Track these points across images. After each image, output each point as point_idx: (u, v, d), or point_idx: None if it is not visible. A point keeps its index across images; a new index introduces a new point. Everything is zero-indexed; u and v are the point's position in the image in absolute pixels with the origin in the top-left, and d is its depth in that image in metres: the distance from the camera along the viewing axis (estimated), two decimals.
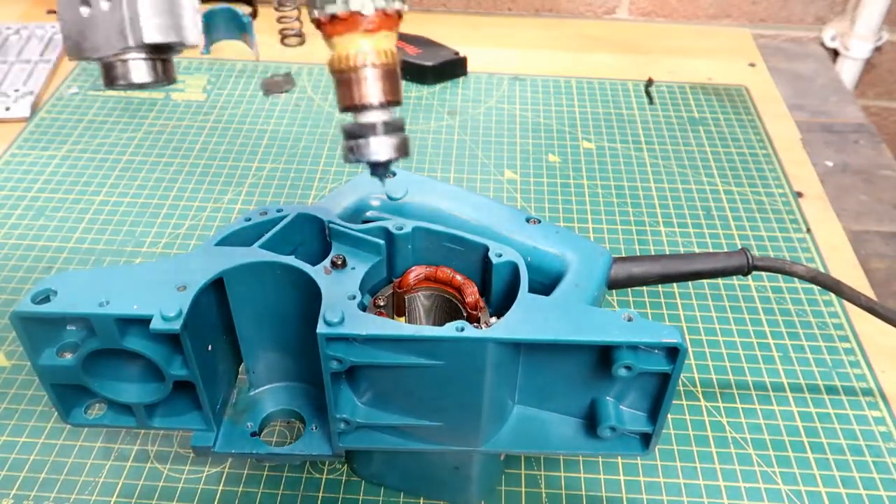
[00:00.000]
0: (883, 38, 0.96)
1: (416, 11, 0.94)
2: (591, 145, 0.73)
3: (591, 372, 0.36)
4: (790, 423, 0.49)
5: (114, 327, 0.34)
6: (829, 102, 0.82)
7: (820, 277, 0.47)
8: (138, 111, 0.76)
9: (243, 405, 0.42)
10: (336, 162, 0.70)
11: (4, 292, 0.56)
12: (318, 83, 0.81)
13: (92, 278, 0.36)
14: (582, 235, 0.47)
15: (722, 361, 0.53)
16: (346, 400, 0.37)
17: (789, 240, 0.63)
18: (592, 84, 0.82)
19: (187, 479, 0.45)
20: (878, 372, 0.53)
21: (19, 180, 0.67)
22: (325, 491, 0.45)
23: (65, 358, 0.36)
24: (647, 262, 0.46)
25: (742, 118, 0.78)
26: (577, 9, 0.97)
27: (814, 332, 0.55)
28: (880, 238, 0.65)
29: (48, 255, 0.60)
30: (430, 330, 0.34)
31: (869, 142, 0.76)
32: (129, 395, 0.38)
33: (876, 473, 0.46)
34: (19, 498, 0.44)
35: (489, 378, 0.35)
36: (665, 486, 0.45)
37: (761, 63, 0.87)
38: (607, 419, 0.37)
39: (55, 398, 0.38)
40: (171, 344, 0.36)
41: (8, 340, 0.53)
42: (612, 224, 0.64)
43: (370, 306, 0.38)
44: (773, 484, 0.46)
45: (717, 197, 0.67)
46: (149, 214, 0.64)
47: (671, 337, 0.34)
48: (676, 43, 0.91)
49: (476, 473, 0.42)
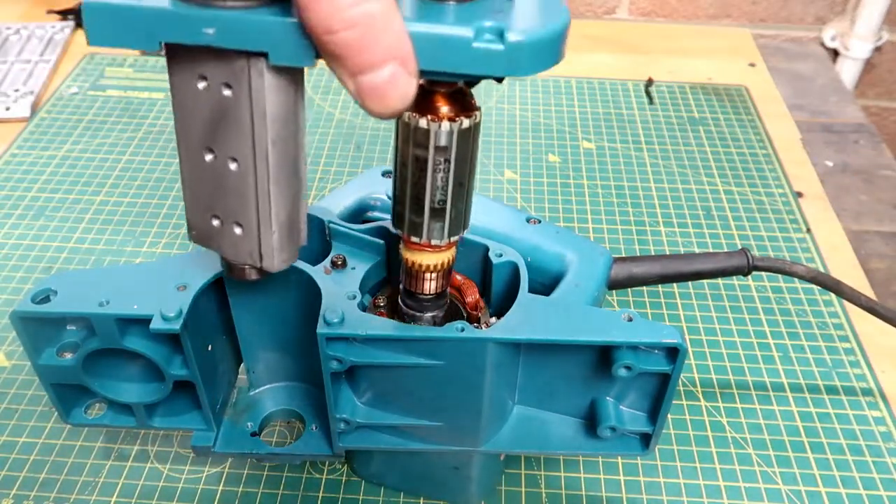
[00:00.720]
0: (883, 38, 0.96)
1: None
2: (591, 145, 0.74)
3: (591, 372, 0.36)
4: (790, 423, 0.49)
5: (114, 327, 0.34)
6: (829, 102, 0.82)
7: (820, 277, 0.47)
8: (138, 111, 0.76)
9: (243, 405, 0.42)
10: (336, 162, 0.70)
11: (4, 292, 0.56)
12: (317, 83, 0.81)
13: (92, 278, 0.36)
14: (582, 236, 0.47)
15: (722, 361, 0.53)
16: (346, 400, 0.37)
17: (789, 240, 0.63)
18: (592, 84, 0.82)
19: (187, 479, 0.45)
20: (878, 372, 0.53)
21: (19, 180, 0.67)
22: (325, 491, 0.45)
23: (65, 358, 0.36)
24: (647, 263, 0.46)
25: (742, 118, 0.78)
26: (577, 9, 0.97)
27: (814, 332, 0.55)
28: (880, 238, 0.65)
29: (48, 255, 0.60)
30: (430, 330, 0.34)
31: (869, 142, 0.76)
32: (129, 395, 0.38)
33: (876, 473, 0.46)
34: (19, 498, 0.44)
35: (489, 378, 0.35)
36: (665, 486, 0.45)
37: (761, 63, 0.87)
38: (607, 419, 0.37)
39: (55, 398, 0.38)
40: (171, 344, 0.36)
41: (8, 340, 0.53)
42: (612, 224, 0.64)
43: (370, 306, 0.38)
44: (773, 484, 0.46)
45: (717, 197, 0.68)
46: (149, 214, 0.64)
47: (671, 337, 0.34)
48: (676, 43, 0.91)
49: (476, 473, 0.42)
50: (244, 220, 0.31)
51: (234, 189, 0.30)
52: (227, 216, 0.31)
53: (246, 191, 0.30)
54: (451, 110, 0.29)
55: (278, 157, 0.29)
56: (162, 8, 0.25)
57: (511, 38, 0.25)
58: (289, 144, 0.30)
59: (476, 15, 0.26)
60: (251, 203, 0.31)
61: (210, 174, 0.30)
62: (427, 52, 0.25)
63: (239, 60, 0.27)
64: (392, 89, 0.25)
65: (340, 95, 0.79)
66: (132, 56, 0.83)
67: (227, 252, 0.32)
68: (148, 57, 0.83)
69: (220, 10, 0.25)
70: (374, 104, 0.25)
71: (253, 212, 0.31)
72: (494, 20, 0.26)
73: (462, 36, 0.25)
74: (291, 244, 0.32)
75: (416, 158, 0.31)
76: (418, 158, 0.31)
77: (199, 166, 0.30)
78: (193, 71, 0.28)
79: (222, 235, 0.32)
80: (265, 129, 0.28)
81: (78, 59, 0.83)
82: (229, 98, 0.28)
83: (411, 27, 0.25)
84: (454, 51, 0.26)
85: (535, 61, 0.26)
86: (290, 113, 0.29)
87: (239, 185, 0.30)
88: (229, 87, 0.28)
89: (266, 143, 0.29)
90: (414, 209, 0.32)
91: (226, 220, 0.32)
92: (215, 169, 0.30)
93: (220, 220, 0.32)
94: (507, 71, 0.26)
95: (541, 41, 0.26)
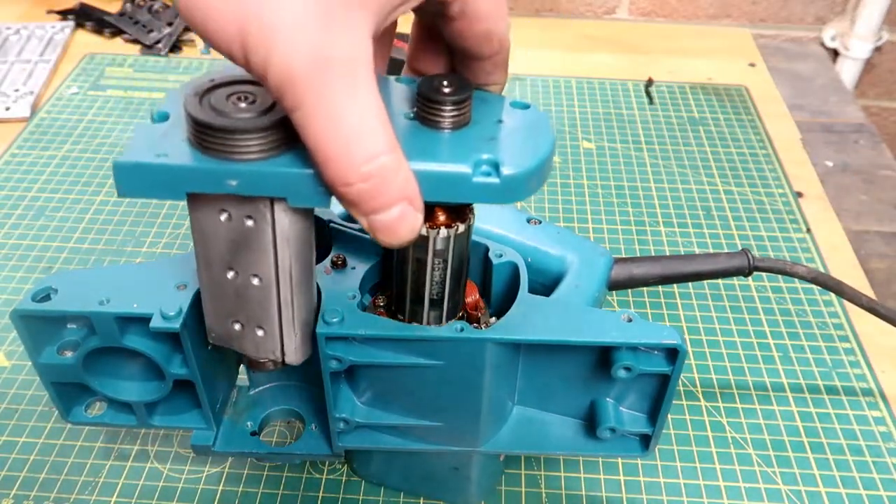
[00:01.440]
0: (883, 38, 0.96)
1: None
2: (591, 145, 0.74)
3: (590, 373, 0.36)
4: (790, 423, 0.49)
5: (114, 326, 0.34)
6: (829, 102, 0.82)
7: (821, 278, 0.47)
8: (138, 111, 0.76)
9: (243, 404, 0.42)
10: None
11: (4, 292, 0.56)
12: None
13: (92, 277, 0.36)
14: (582, 236, 0.47)
15: (722, 361, 0.53)
16: (345, 400, 0.37)
17: (789, 240, 0.63)
18: (592, 84, 0.82)
19: (187, 478, 0.45)
20: (878, 372, 0.53)
21: (19, 180, 0.67)
22: (325, 491, 0.45)
23: (65, 356, 0.36)
24: (647, 263, 0.46)
25: (742, 118, 0.78)
26: (577, 9, 0.97)
27: (814, 331, 0.55)
28: (880, 238, 0.65)
29: (48, 255, 0.60)
30: (429, 330, 0.34)
31: (869, 142, 0.76)
32: (130, 394, 0.38)
33: (876, 473, 0.46)
34: (19, 498, 0.44)
35: (489, 378, 0.35)
36: (665, 487, 0.45)
37: (761, 63, 0.87)
38: (607, 420, 0.37)
39: (55, 396, 0.38)
40: (171, 342, 0.36)
41: (8, 340, 0.53)
42: (612, 224, 0.64)
43: (370, 306, 0.38)
44: (773, 484, 0.46)
45: (717, 197, 0.68)
46: (149, 214, 0.64)
47: (671, 338, 0.34)
48: (676, 43, 0.91)
49: (476, 474, 0.42)
50: (267, 325, 0.33)
51: (256, 300, 0.32)
52: (249, 322, 0.33)
53: (269, 301, 0.32)
54: (448, 218, 0.32)
55: (299, 270, 0.32)
56: (186, 165, 0.27)
57: (506, 172, 0.28)
58: (306, 255, 0.32)
59: (470, 144, 0.28)
60: (273, 311, 0.33)
61: (232, 289, 0.32)
62: (431, 187, 0.28)
63: (262, 199, 0.29)
64: (402, 225, 0.27)
65: None
66: (132, 56, 0.83)
67: (248, 350, 0.34)
68: (148, 57, 0.83)
69: (240, 164, 0.27)
70: (386, 238, 0.27)
71: (275, 318, 0.33)
72: (489, 151, 0.28)
73: (462, 172, 0.28)
74: (310, 338, 0.34)
75: (416, 260, 0.33)
76: (418, 260, 0.33)
77: (221, 283, 0.32)
78: (216, 207, 0.30)
79: (243, 337, 0.34)
80: (287, 250, 0.31)
81: (78, 59, 0.83)
82: (251, 227, 0.30)
83: (416, 166, 0.27)
84: (455, 185, 0.28)
85: (527, 189, 0.29)
86: (307, 230, 0.31)
87: (262, 297, 0.32)
88: (251, 219, 0.29)
89: (288, 262, 0.31)
90: (414, 300, 0.34)
91: (248, 325, 0.33)
92: (238, 285, 0.32)
93: (241, 325, 0.33)
94: (503, 200, 0.29)
95: (532, 172, 0.28)
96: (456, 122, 0.29)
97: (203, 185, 0.27)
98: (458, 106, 0.29)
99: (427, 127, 0.29)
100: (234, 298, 0.33)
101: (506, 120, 0.30)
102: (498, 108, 0.31)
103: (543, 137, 0.30)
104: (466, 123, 0.29)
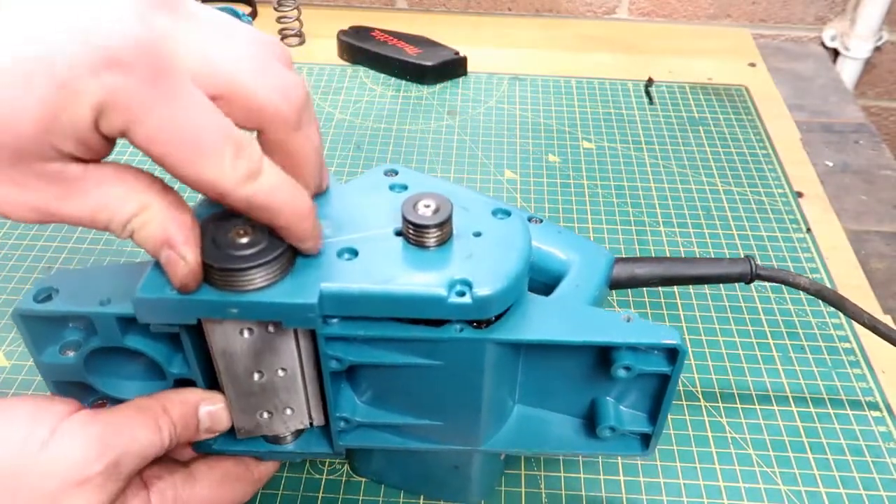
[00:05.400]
0: (883, 38, 0.96)
1: (417, 11, 0.94)
2: (591, 145, 0.74)
3: (590, 372, 0.36)
4: (790, 423, 0.49)
5: (115, 326, 0.34)
6: (829, 102, 0.82)
7: (824, 292, 0.47)
8: None
9: None
10: (336, 162, 0.70)
11: (4, 292, 0.56)
12: (318, 83, 0.81)
13: (93, 277, 0.36)
14: (584, 236, 0.48)
15: (722, 362, 0.53)
16: (346, 399, 0.37)
17: (789, 240, 0.63)
18: (592, 84, 0.82)
19: None
20: (878, 372, 0.53)
21: None
22: (325, 491, 0.45)
23: (67, 356, 0.36)
24: (650, 264, 0.46)
25: (742, 118, 0.78)
26: (577, 9, 0.97)
27: (814, 332, 0.55)
28: (880, 238, 0.65)
29: (48, 255, 0.60)
30: (429, 330, 0.34)
31: (869, 142, 0.76)
32: (131, 393, 0.38)
33: (876, 474, 0.46)
34: None
35: (489, 378, 0.35)
36: (665, 487, 0.45)
37: (761, 63, 0.87)
38: (607, 419, 0.37)
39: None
40: (172, 342, 0.36)
41: (8, 340, 0.53)
42: (612, 224, 0.64)
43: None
44: (773, 484, 0.46)
45: (717, 197, 0.68)
46: None
47: (670, 338, 0.34)
48: (676, 43, 0.91)
49: (476, 473, 0.42)
50: (295, 405, 0.36)
51: (283, 387, 0.35)
52: (277, 408, 0.36)
53: (296, 385, 0.35)
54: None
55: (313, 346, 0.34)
56: (194, 298, 0.31)
57: (478, 293, 0.31)
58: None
59: (449, 262, 0.32)
60: (300, 391, 0.36)
61: (258, 387, 0.35)
62: (411, 307, 0.32)
63: None
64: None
65: (340, 95, 0.79)
66: None
67: (278, 430, 0.37)
68: None
69: (240, 295, 0.31)
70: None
71: (303, 396, 0.36)
72: (464, 271, 0.31)
73: (438, 294, 0.31)
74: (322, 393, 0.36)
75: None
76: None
77: (248, 386, 0.35)
78: (236, 328, 0.33)
79: (273, 422, 0.36)
80: (309, 340, 0.34)
81: None
82: (274, 333, 0.33)
83: (399, 290, 0.31)
84: (432, 305, 0.31)
85: (499, 306, 0.32)
86: None
87: (289, 384, 0.35)
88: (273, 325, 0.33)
89: (308, 344, 0.34)
90: None
91: (276, 411, 0.36)
92: (263, 382, 0.35)
93: (270, 414, 0.36)
94: (476, 316, 0.32)
95: (503, 291, 0.31)
96: (438, 240, 0.32)
97: (211, 313, 0.31)
98: (441, 226, 0.32)
99: (413, 245, 0.32)
100: (260, 395, 0.35)
101: (484, 233, 0.33)
102: (479, 218, 0.34)
103: (516, 252, 0.32)
104: (447, 239, 0.33)
